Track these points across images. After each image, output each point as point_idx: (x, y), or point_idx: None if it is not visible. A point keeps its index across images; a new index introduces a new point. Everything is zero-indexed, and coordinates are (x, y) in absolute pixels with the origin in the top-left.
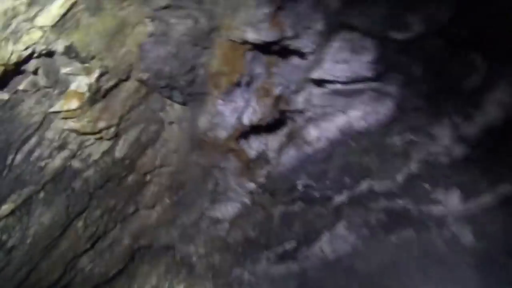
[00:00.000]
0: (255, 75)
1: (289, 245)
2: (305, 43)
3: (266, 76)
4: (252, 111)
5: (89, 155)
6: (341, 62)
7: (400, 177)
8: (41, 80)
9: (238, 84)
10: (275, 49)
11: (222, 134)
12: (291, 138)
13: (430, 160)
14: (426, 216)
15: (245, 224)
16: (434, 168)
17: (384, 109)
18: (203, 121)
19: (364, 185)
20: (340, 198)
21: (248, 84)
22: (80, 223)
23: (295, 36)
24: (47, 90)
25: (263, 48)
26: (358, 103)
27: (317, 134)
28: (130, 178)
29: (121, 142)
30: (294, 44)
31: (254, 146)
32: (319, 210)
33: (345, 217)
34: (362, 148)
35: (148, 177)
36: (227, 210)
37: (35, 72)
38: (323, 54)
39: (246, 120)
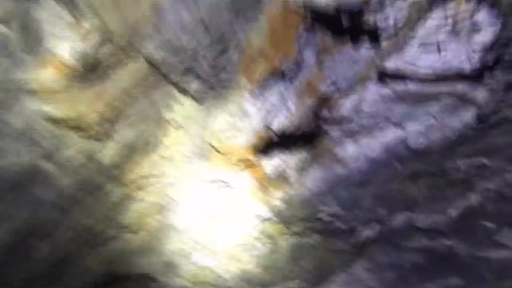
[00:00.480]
0: (305, 63)
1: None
2: (390, 16)
3: (316, 67)
4: (286, 114)
5: (68, 158)
6: (433, 46)
7: (453, 211)
8: (14, 36)
9: (280, 74)
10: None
11: (240, 141)
12: (320, 154)
13: (501, 191)
14: (481, 262)
15: (246, 256)
16: (504, 202)
17: (460, 121)
18: (220, 123)
19: (401, 218)
20: (367, 232)
21: (293, 75)
22: (45, 246)
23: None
24: (20, 53)
25: (326, 20)
26: (425, 112)
27: (355, 151)
28: (116, 192)
29: (112, 145)
30: (372, 19)
31: (275, 160)
32: (338, 245)
33: (368, 255)
34: (410, 172)
35: (137, 192)
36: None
37: (6, 22)
38: (413, 33)
39: (276, 124)
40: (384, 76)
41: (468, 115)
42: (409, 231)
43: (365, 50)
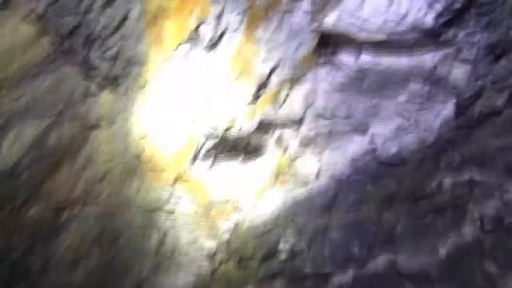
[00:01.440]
0: (226, 27)
1: None
2: None
3: (243, 34)
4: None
5: None
6: None
7: (442, 250)
8: None
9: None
10: None
11: (169, 148)
12: (277, 173)
13: (500, 218)
14: None
15: None
16: (506, 233)
17: (436, 116)
18: (136, 120)
19: (380, 260)
20: (341, 278)
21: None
22: None
23: None
24: None
25: None
26: (392, 106)
27: (314, 167)
28: (32, 210)
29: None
30: None
31: (217, 174)
32: None
33: None
34: (384, 194)
35: (64, 215)
36: (175, 284)
37: None
38: None
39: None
40: (329, 46)
41: (445, 108)
42: (390, 277)
43: (304, 15)
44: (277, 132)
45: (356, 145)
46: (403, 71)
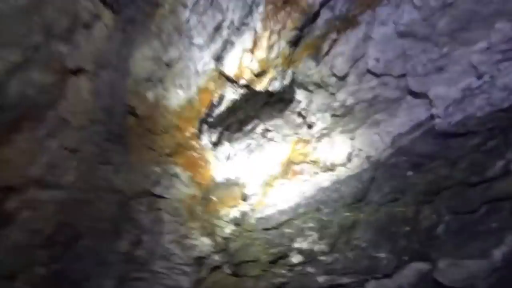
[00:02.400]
0: None
1: None
2: None
3: None
4: (250, 39)
5: None
6: None
7: (497, 253)
8: None
9: None
10: None
11: (175, 99)
12: (289, 162)
13: None
14: None
15: None
16: None
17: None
18: (139, 62)
19: (412, 269)
20: None
21: None
22: None
23: None
24: None
25: None
26: (470, 53)
27: (346, 146)
28: None
29: None
30: None
31: (226, 147)
32: None
33: None
34: (432, 180)
35: (11, 201)
36: None
37: None
38: None
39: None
40: None
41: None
42: None
43: None
44: (307, 97)
45: (404, 116)
46: (495, 5)
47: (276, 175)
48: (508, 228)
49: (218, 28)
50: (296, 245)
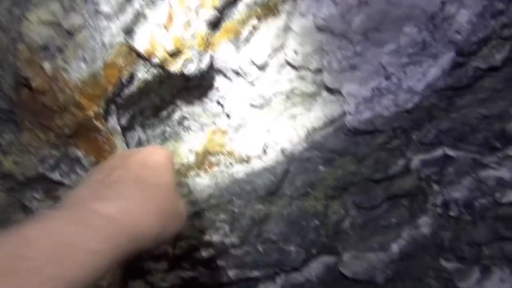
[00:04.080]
0: None
1: None
2: None
3: None
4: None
5: None
6: None
7: (395, 247)
8: None
9: None
10: None
11: (77, 72)
12: (205, 152)
13: (473, 199)
14: None
15: None
16: (474, 218)
17: (429, 68)
18: (34, 26)
19: (319, 263)
20: (267, 286)
21: None
22: None
23: None
24: None
25: None
26: (380, 54)
27: (262, 137)
28: None
29: None
30: None
31: (135, 131)
32: None
33: None
34: (341, 175)
35: None
36: None
37: None
38: None
39: (142, 39)
40: None
41: (437, 63)
42: (327, 284)
43: None
44: (225, 85)
45: (319, 111)
46: (405, 8)
47: (191, 165)
48: (405, 223)
49: None
50: (206, 237)
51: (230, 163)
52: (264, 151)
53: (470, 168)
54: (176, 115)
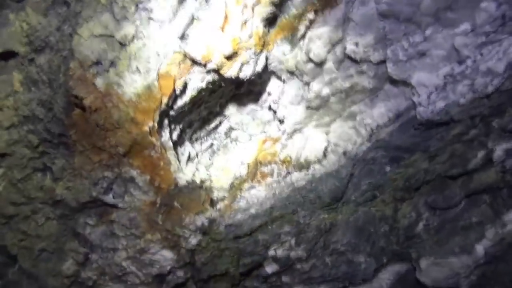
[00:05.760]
0: None
1: None
2: None
3: None
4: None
5: None
6: None
7: (480, 248)
8: None
9: None
10: None
11: (131, 86)
12: (257, 162)
13: None
14: None
15: None
16: None
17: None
18: (85, 40)
19: (390, 272)
20: None
21: None
22: None
23: None
24: None
25: None
26: (453, 36)
27: (321, 141)
28: None
29: None
30: None
31: (190, 144)
32: None
33: None
34: (411, 174)
35: None
36: None
37: None
38: None
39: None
40: None
41: None
42: None
43: None
44: (279, 88)
45: (383, 106)
46: None
47: (244, 178)
48: (488, 221)
49: (182, 1)
50: (271, 252)
51: (288, 172)
52: (324, 155)
53: None
54: (224, 127)
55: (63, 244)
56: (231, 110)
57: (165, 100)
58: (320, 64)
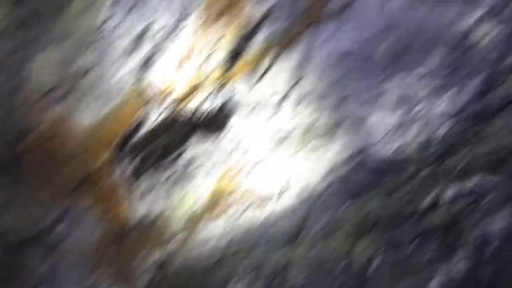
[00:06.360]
0: None
1: None
2: None
3: None
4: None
5: None
6: None
7: None
8: None
9: None
10: None
11: (88, 115)
12: (218, 195)
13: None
14: None
15: None
16: None
17: (459, 91)
18: (42, 67)
19: None
20: None
21: None
22: None
23: None
24: None
25: None
26: (409, 79)
27: (281, 176)
28: None
29: None
30: None
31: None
32: None
33: None
34: (366, 214)
35: None
36: None
37: None
38: None
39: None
40: None
41: (467, 85)
42: None
43: None
44: (241, 121)
45: (342, 144)
46: (433, 31)
47: (203, 210)
48: (439, 261)
49: (145, 31)
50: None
51: (248, 205)
52: (284, 189)
53: (510, 195)
54: (184, 158)
55: (8, 278)
56: (192, 140)
57: (122, 131)
58: (281, 100)
